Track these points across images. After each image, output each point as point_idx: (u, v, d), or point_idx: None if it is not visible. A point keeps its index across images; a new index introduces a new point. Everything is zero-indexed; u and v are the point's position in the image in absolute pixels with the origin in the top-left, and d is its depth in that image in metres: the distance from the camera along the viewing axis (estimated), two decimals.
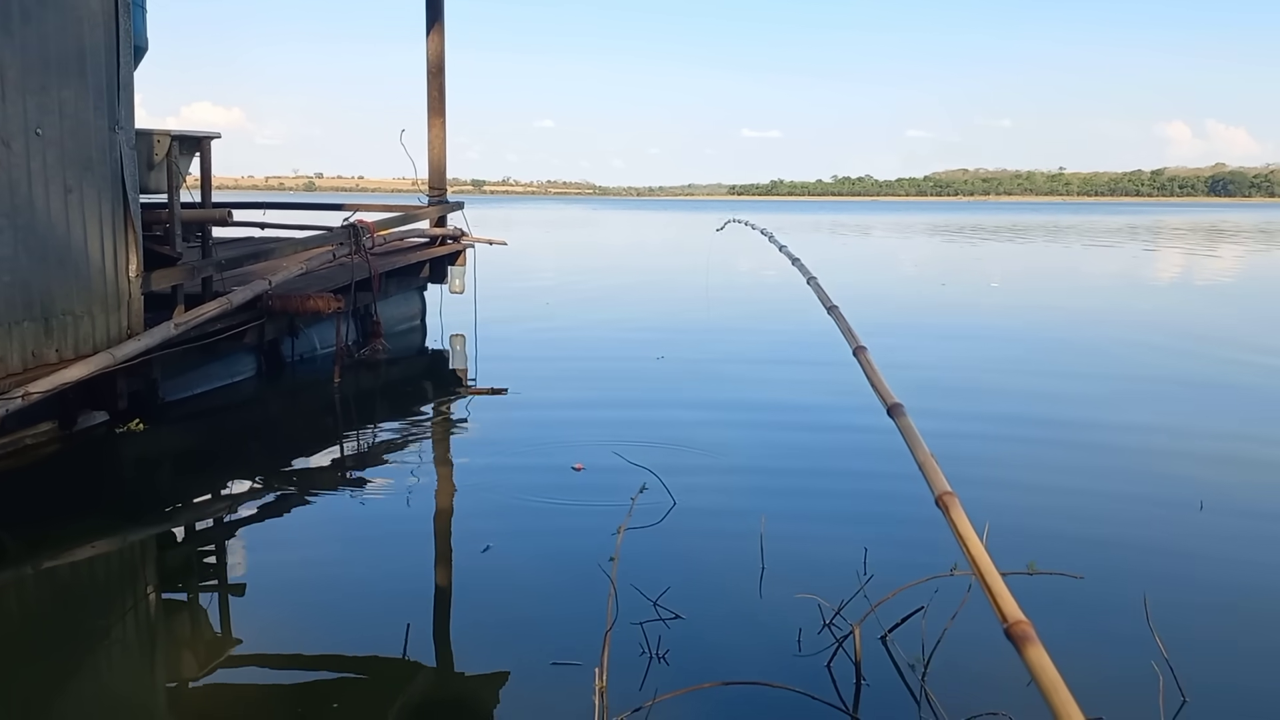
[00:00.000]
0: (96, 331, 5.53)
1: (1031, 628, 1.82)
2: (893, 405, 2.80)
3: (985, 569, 2.07)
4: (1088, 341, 10.30)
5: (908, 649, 3.13)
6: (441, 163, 10.82)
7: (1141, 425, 6.51)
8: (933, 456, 2.46)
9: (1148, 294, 16.56)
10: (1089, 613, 3.47)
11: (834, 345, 9.31)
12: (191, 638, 3.36)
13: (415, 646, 3.19)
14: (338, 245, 8.15)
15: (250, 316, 7.01)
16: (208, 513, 4.70)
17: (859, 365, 3.01)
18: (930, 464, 2.44)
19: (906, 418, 2.69)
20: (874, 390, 2.94)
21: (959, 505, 2.27)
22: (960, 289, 16.61)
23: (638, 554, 3.83)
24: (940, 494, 2.32)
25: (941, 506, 2.29)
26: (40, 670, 3.04)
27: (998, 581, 2.05)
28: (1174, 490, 4.97)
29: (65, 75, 5.23)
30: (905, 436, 2.59)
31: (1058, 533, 4.34)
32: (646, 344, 9.78)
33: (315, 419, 6.76)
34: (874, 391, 2.93)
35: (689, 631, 3.26)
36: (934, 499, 2.31)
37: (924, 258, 26.12)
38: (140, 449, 5.60)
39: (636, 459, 4.90)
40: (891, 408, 2.79)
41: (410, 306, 10.57)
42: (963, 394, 7.44)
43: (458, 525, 4.52)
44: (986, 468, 5.40)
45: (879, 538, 4.12)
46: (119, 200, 5.65)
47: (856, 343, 3.34)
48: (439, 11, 10.49)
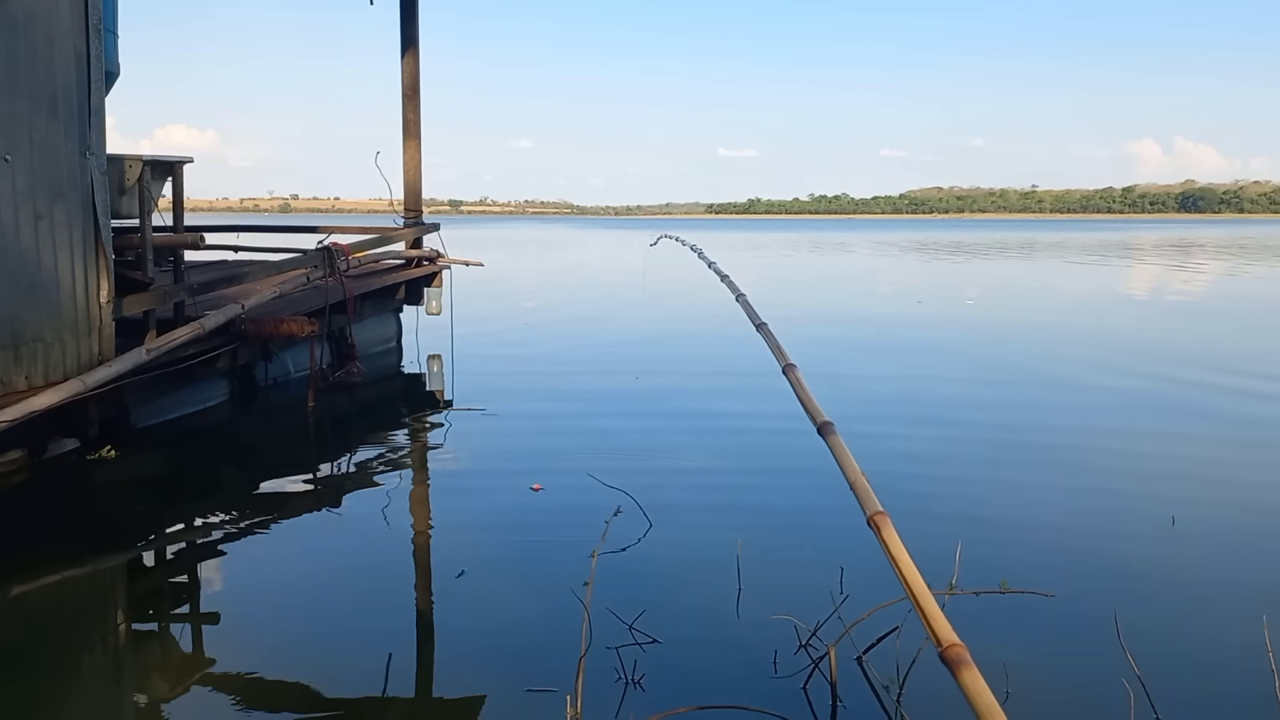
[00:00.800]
0: (67, 358, 5.48)
1: (966, 651, 1.82)
2: (822, 424, 2.82)
3: (918, 591, 2.07)
4: (1061, 358, 10.39)
5: (883, 670, 3.13)
6: (417, 184, 10.82)
7: (1113, 442, 6.57)
8: (864, 475, 2.47)
9: (1120, 311, 16.73)
10: (1061, 630, 3.49)
11: (812, 362, 9.33)
12: (164, 666, 3.33)
13: (391, 673, 3.17)
14: (312, 268, 8.12)
15: (223, 341, 6.97)
16: (180, 540, 4.66)
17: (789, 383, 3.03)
18: (861, 483, 2.44)
19: (837, 436, 2.71)
20: (803, 408, 2.95)
21: (890, 525, 2.28)
22: (936, 306, 16.72)
23: (613, 577, 3.82)
24: (872, 514, 2.33)
25: (873, 527, 2.29)
26: (10, 699, 3.00)
27: (931, 603, 2.05)
28: (1145, 507, 5.01)
29: (35, 101, 5.20)
30: (836, 455, 2.60)
31: (1030, 551, 4.37)
32: (623, 363, 9.79)
33: (289, 444, 6.71)
34: (803, 410, 2.95)
35: (665, 655, 3.25)
36: (865, 519, 2.32)
37: (900, 275, 26.30)
38: (112, 476, 5.54)
39: (613, 480, 4.89)
40: (821, 426, 2.81)
41: (386, 329, 10.54)
42: (935, 410, 7.48)
43: (433, 549, 4.50)
44: (958, 485, 5.42)
45: (854, 558, 4.13)
46: (90, 226, 5.61)
47: (786, 360, 3.36)
48: (414, 34, 10.53)
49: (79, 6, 5.50)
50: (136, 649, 3.49)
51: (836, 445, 2.56)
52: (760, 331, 3.64)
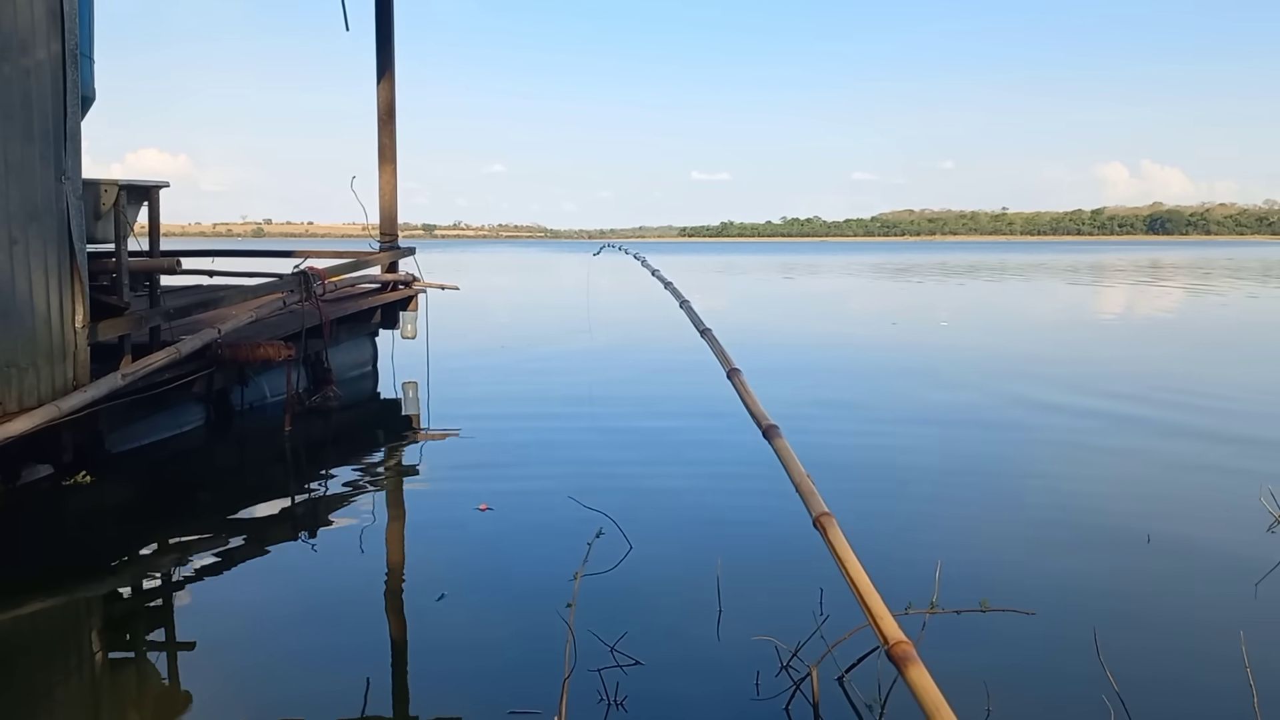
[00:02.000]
0: (41, 384, 5.43)
1: (913, 647, 1.85)
2: (768, 427, 2.85)
3: (865, 590, 2.10)
4: (1034, 378, 10.49)
5: (865, 689, 3.15)
6: (393, 208, 10.83)
7: (1087, 462, 6.64)
8: (809, 478, 2.50)
9: (1092, 332, 16.94)
10: (1040, 648, 3.52)
11: (788, 380, 9.33)
12: (140, 696, 3.29)
13: (372, 699, 3.15)
14: (288, 292, 8.10)
15: (199, 365, 6.93)
16: (156, 567, 4.61)
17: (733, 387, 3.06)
18: (807, 484, 2.48)
19: (782, 439, 2.74)
20: (749, 412, 2.98)
21: (836, 526, 2.31)
22: (910, 327, 16.86)
23: (595, 599, 3.82)
24: (818, 515, 2.36)
25: (819, 528, 2.32)
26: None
27: (877, 602, 2.08)
28: (1122, 525, 5.07)
29: (10, 126, 5.18)
30: (781, 458, 2.63)
31: (1010, 569, 4.41)
32: (601, 385, 9.82)
33: (266, 468, 6.67)
34: (749, 414, 2.98)
35: (647, 677, 3.26)
36: (811, 520, 2.34)
37: (873, 297, 26.51)
38: (86, 502, 5.48)
39: (593, 502, 4.89)
40: (767, 430, 2.84)
41: (362, 353, 10.50)
42: (909, 431, 7.54)
43: (412, 573, 4.48)
44: (938, 504, 5.47)
45: (835, 577, 4.14)
46: (65, 251, 5.58)
47: (730, 365, 3.40)
48: (389, 60, 10.56)
49: (56, 31, 5.49)
50: (112, 677, 3.45)
51: (782, 448, 2.60)
52: (705, 337, 3.68)
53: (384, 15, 10.55)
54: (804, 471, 2.46)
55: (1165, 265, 50.34)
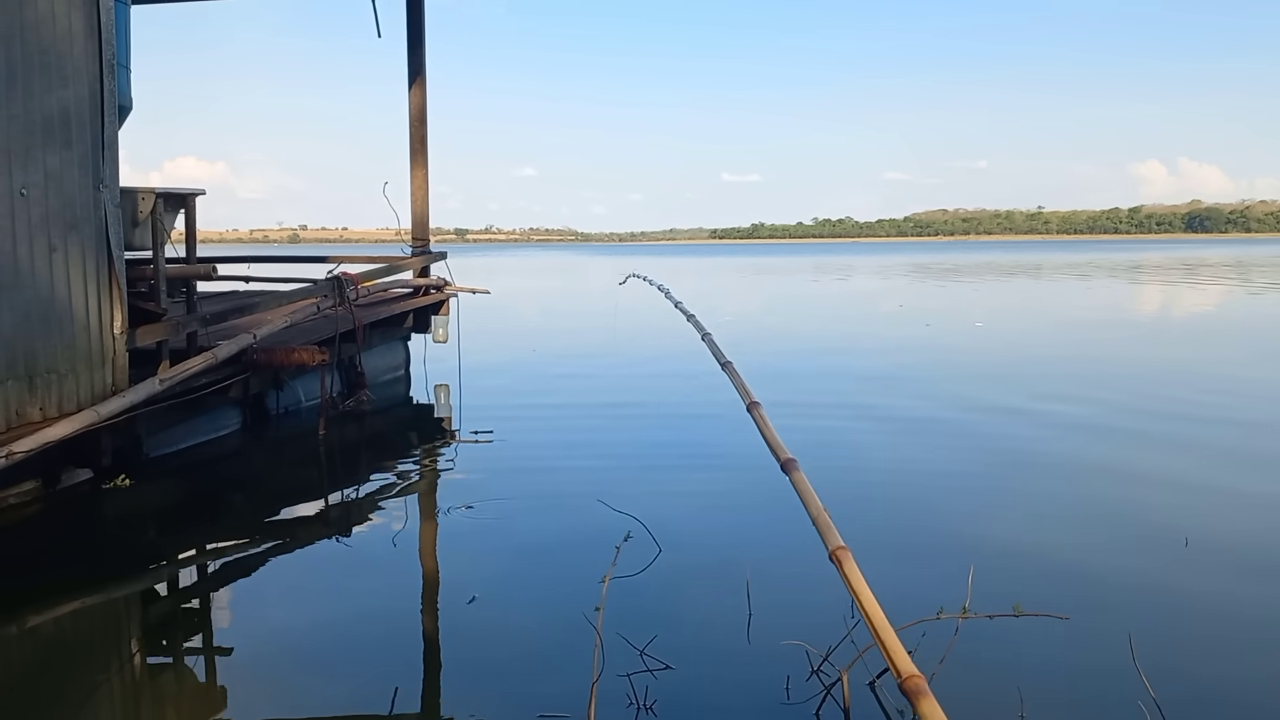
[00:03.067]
0: (81, 389, 5.52)
1: (925, 681, 1.86)
2: (786, 461, 2.86)
3: (879, 624, 2.12)
4: (1071, 379, 10.38)
5: (896, 695, 3.13)
6: (424, 213, 10.90)
7: (1124, 464, 6.56)
8: (825, 512, 2.50)
9: (1130, 333, 16.72)
10: (1075, 653, 3.48)
11: (820, 384, 9.31)
12: (177, 696, 3.34)
13: (402, 698, 3.18)
14: (322, 297, 8.18)
15: (235, 370, 7.02)
16: (193, 569, 4.68)
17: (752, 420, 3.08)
18: (824, 519, 2.49)
19: (800, 473, 2.75)
20: (767, 446, 3.00)
21: (852, 560, 2.31)
22: (944, 329, 16.74)
23: (624, 603, 3.83)
24: (834, 549, 2.37)
25: (835, 561, 2.33)
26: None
27: (891, 636, 2.09)
28: (1159, 529, 5.00)
29: (50, 136, 5.28)
30: (799, 491, 2.65)
31: (1044, 573, 4.36)
32: (631, 389, 9.82)
33: (301, 472, 6.74)
34: (767, 447, 2.99)
35: (676, 681, 3.25)
36: (827, 554, 2.35)
37: (907, 298, 26.33)
38: (125, 506, 5.57)
39: (622, 506, 4.91)
40: (785, 463, 2.86)
41: (394, 357, 10.59)
42: (945, 433, 7.48)
43: (444, 576, 4.51)
44: (972, 506, 5.42)
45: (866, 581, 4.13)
46: (104, 258, 5.68)
47: (750, 399, 3.41)
48: (421, 65, 10.64)
49: (93, 42, 5.59)
50: (150, 677, 3.50)
51: (799, 482, 2.62)
52: (726, 370, 3.68)
53: (415, 21, 10.64)
54: (821, 505, 2.47)
55: (1208, 264, 49.58)
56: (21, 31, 5.06)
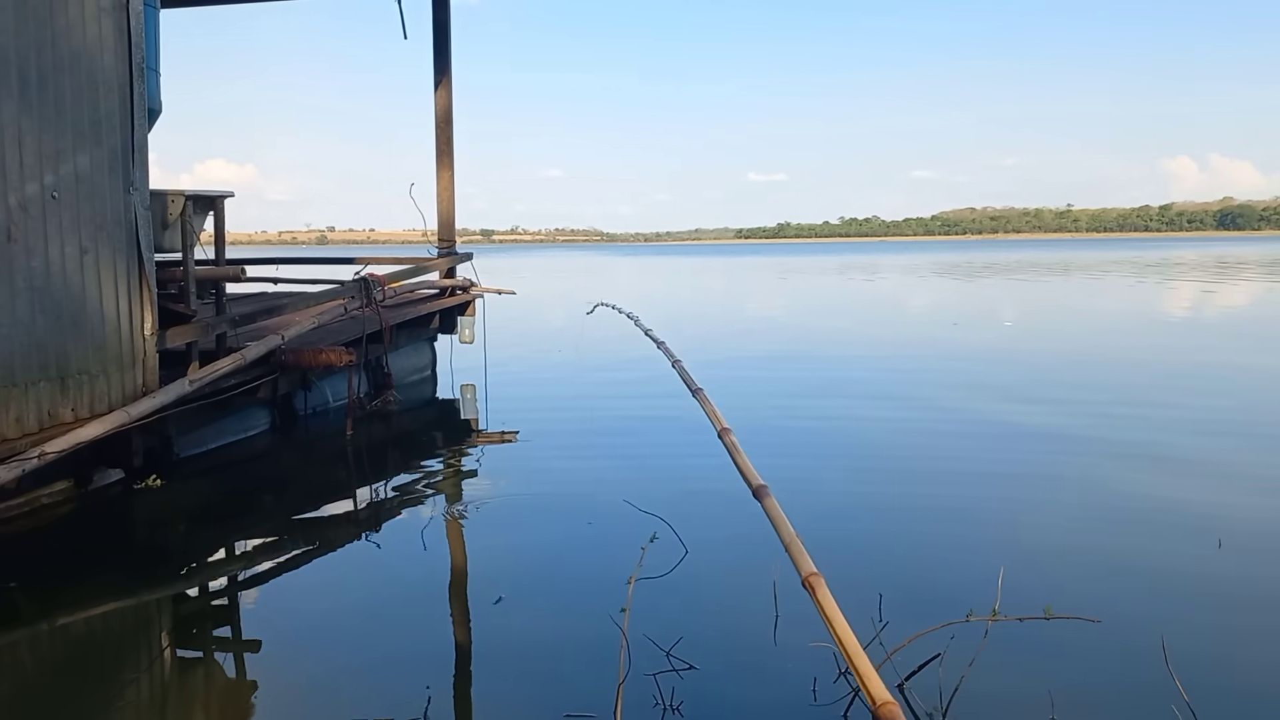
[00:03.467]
0: (112, 390, 5.58)
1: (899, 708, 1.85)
2: (758, 487, 2.85)
3: (852, 650, 2.10)
4: (1100, 379, 10.27)
5: (925, 697, 3.10)
6: (450, 214, 10.94)
7: (1159, 463, 6.47)
8: (798, 539, 2.49)
9: (1164, 331, 16.52)
10: (1107, 656, 3.44)
11: (846, 386, 9.26)
12: (206, 696, 3.36)
13: (428, 698, 3.18)
14: (349, 299, 8.23)
15: (264, 371, 7.07)
16: (223, 568, 4.72)
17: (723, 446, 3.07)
18: (796, 545, 2.48)
19: (771, 499, 2.74)
20: (739, 472, 2.99)
21: (825, 587, 2.30)
22: (972, 328, 16.61)
23: (650, 604, 3.82)
24: (806, 575, 2.35)
25: (808, 588, 2.32)
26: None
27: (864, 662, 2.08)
28: (1191, 530, 4.93)
29: (81, 140, 5.34)
30: (771, 518, 2.64)
31: (1075, 575, 4.31)
32: (654, 390, 9.81)
33: (329, 471, 6.78)
34: (739, 473, 2.98)
35: (702, 682, 3.24)
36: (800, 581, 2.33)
37: (934, 297, 26.16)
38: (155, 506, 5.62)
39: (648, 506, 4.89)
40: (756, 490, 2.84)
41: (421, 357, 10.63)
42: (977, 433, 7.41)
43: (470, 575, 4.52)
44: (1000, 509, 5.37)
45: (893, 583, 4.10)
46: (134, 260, 5.73)
47: (721, 425, 3.41)
48: (447, 66, 10.68)
49: (123, 46, 5.65)
50: (180, 676, 3.53)
51: (771, 508, 2.62)
52: (697, 397, 3.68)
53: (441, 23, 10.68)
54: (793, 532, 2.48)
55: (1244, 261, 48.93)
56: (52, 37, 5.12)
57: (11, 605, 4.13)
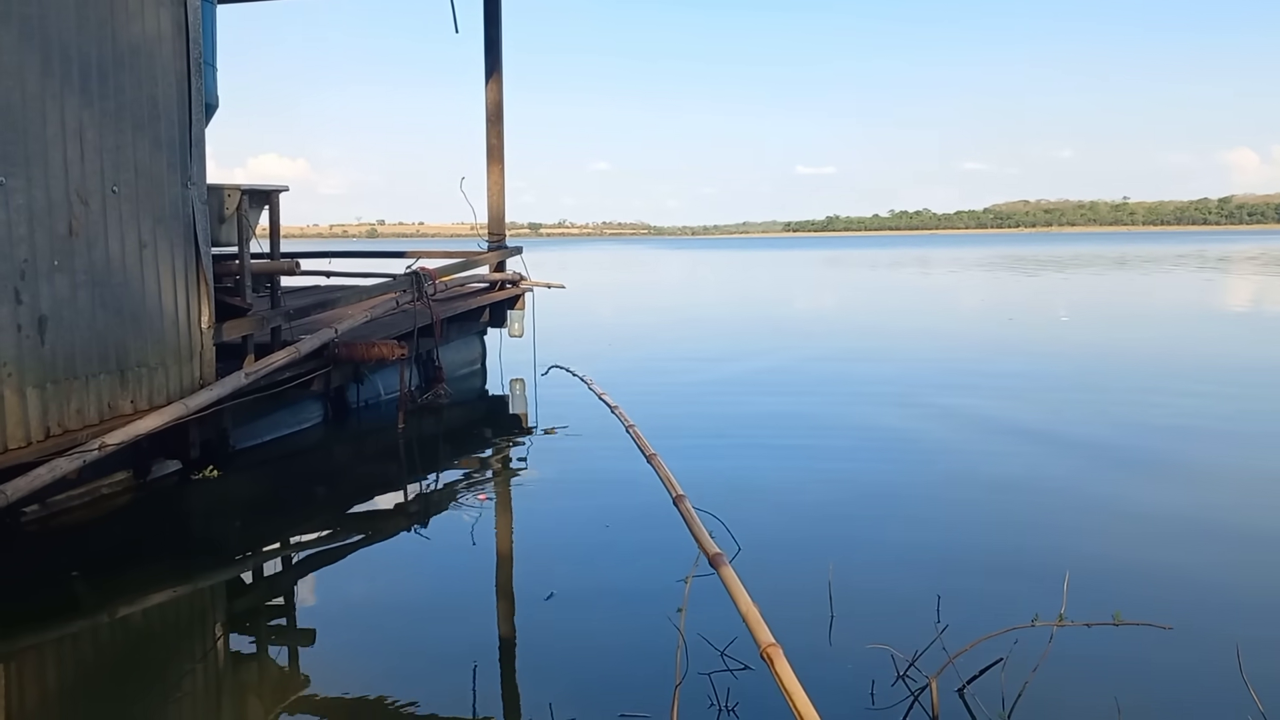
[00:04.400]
0: (170, 382, 5.65)
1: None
2: (713, 555, 2.80)
3: None
4: (1166, 374, 10.02)
5: (988, 703, 3.02)
6: (500, 208, 10.96)
7: (1233, 465, 6.29)
8: (755, 607, 2.44)
9: (1225, 324, 16.10)
10: (1178, 666, 3.33)
11: (905, 391, 9.11)
12: (260, 683, 3.38)
13: (481, 695, 3.17)
14: (401, 292, 8.27)
15: (317, 364, 7.13)
16: (277, 558, 4.76)
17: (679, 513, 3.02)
18: (753, 614, 2.43)
19: (728, 568, 2.70)
20: (694, 538, 2.93)
21: (784, 659, 2.24)
22: (1027, 323, 16.32)
23: (703, 602, 3.77)
24: (765, 647, 2.29)
25: (765, 659, 2.26)
26: (113, 716, 3.08)
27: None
28: (1269, 535, 4.77)
29: (140, 134, 5.40)
30: (727, 587, 2.59)
31: (1146, 581, 4.18)
32: (704, 386, 9.75)
33: (380, 464, 6.82)
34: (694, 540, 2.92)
35: (757, 683, 3.19)
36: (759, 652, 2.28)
37: (987, 291, 25.76)
38: (211, 497, 5.69)
39: (700, 504, 4.83)
40: (712, 558, 2.79)
41: (471, 351, 10.67)
42: (1034, 432, 7.26)
43: (521, 571, 4.51)
44: (1069, 512, 5.24)
45: (953, 586, 4.01)
46: (191, 254, 5.80)
47: (676, 491, 3.35)
48: (498, 62, 10.69)
49: (181, 42, 5.70)
50: (234, 665, 3.55)
51: (728, 577, 2.58)
52: (651, 462, 3.62)
53: (492, 17, 10.68)
54: (750, 602, 2.44)
55: None
56: (113, 32, 5.18)
57: (73, 594, 4.20)
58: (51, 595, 4.16)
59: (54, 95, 4.78)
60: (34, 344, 4.70)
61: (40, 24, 4.69)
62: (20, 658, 3.60)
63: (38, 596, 4.14)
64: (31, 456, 4.61)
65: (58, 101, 4.81)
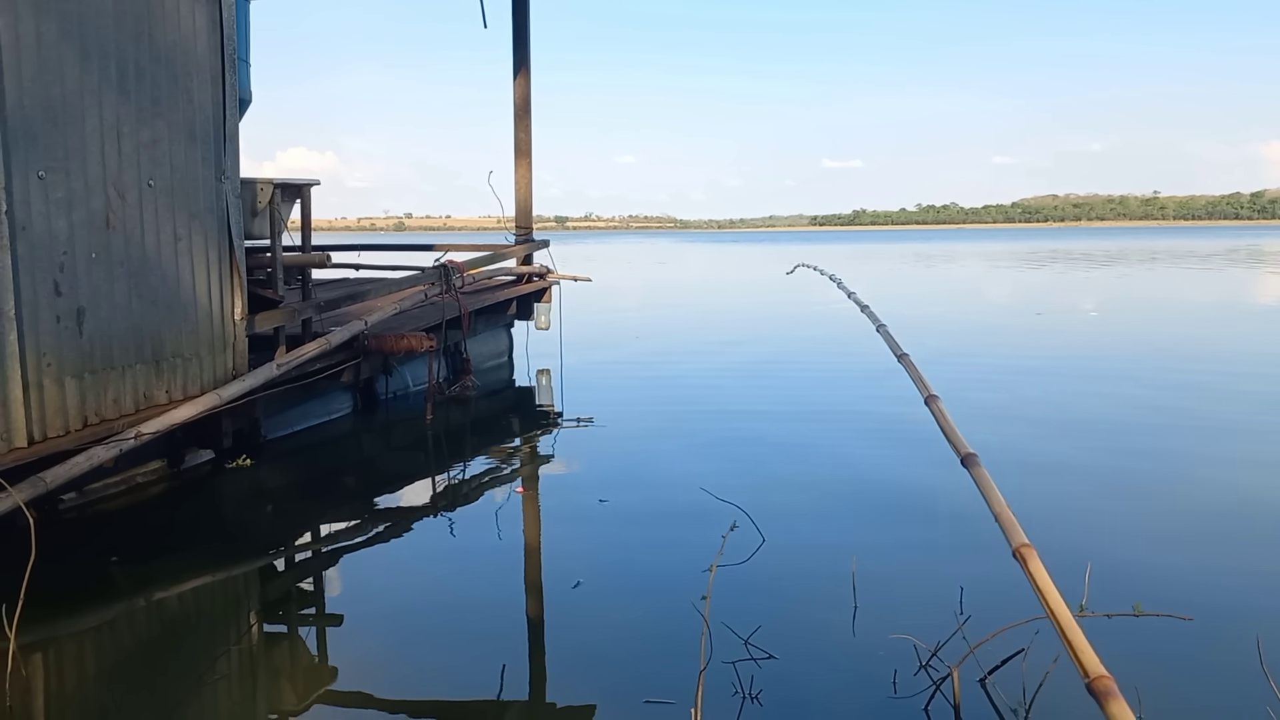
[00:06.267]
0: (204, 373, 5.76)
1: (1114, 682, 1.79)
2: (966, 455, 2.77)
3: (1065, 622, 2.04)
4: (1192, 368, 9.94)
5: (1009, 693, 3.05)
6: (528, 202, 11.02)
7: (1253, 458, 6.25)
8: (1009, 508, 2.42)
9: (1254, 318, 15.92)
10: (1199, 657, 3.34)
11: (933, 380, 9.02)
12: (291, 669, 3.46)
13: (508, 681, 3.23)
14: (429, 285, 8.35)
15: (347, 356, 7.22)
16: (307, 546, 4.85)
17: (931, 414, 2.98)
18: (1006, 515, 2.40)
19: (981, 468, 2.66)
20: (947, 440, 2.90)
21: (1037, 557, 2.23)
22: (1056, 317, 16.21)
23: (728, 592, 3.82)
24: (1018, 546, 2.29)
25: (1019, 559, 2.26)
26: (149, 700, 3.16)
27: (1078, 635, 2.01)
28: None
29: (175, 129, 5.49)
30: (980, 487, 2.56)
31: (1165, 571, 4.19)
32: (734, 377, 9.78)
33: (409, 455, 6.91)
34: (947, 441, 2.90)
35: (782, 671, 3.23)
36: (1011, 551, 2.28)
37: (1016, 285, 25.58)
38: (243, 486, 5.79)
39: (725, 495, 4.89)
40: (965, 458, 2.76)
41: (498, 344, 10.75)
42: (1062, 426, 7.24)
43: (548, 560, 4.57)
44: (1089, 502, 5.24)
45: (975, 577, 4.03)
46: (225, 246, 5.90)
47: (928, 392, 3.31)
48: (525, 57, 10.74)
49: (216, 38, 5.79)
50: (266, 651, 3.64)
51: (981, 477, 2.53)
52: (902, 362, 3.59)
53: (520, 12, 10.74)
54: (1004, 501, 2.41)
55: None
56: (150, 28, 5.28)
57: (111, 580, 4.30)
58: (90, 581, 4.26)
59: (92, 91, 4.88)
60: (72, 335, 4.80)
61: (79, 21, 4.78)
62: (61, 641, 3.70)
63: (77, 582, 4.24)
64: (70, 445, 4.72)
65: (96, 97, 4.91)
